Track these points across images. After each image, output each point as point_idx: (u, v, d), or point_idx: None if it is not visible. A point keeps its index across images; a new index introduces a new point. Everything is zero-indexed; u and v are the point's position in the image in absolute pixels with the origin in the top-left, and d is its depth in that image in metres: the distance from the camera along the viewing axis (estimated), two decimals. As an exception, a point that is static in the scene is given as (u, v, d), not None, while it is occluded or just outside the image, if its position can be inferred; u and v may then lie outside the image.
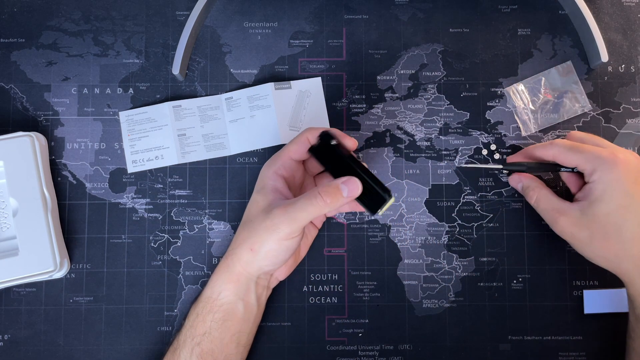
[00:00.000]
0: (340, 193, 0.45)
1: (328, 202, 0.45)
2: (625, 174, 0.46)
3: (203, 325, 0.48)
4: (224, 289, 0.49)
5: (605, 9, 0.58)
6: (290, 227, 0.45)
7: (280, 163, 0.49)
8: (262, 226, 0.47)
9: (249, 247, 0.48)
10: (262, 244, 0.47)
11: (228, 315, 0.48)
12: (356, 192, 0.46)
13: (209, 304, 0.49)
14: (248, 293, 0.49)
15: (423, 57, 0.57)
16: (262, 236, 0.47)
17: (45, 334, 0.54)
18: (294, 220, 0.45)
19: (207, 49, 0.57)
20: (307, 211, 0.45)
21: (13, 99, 0.56)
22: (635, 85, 0.57)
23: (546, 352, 0.54)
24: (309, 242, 0.54)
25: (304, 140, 0.49)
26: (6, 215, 0.52)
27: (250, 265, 0.48)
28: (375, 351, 0.54)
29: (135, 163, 0.55)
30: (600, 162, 0.47)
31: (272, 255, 0.47)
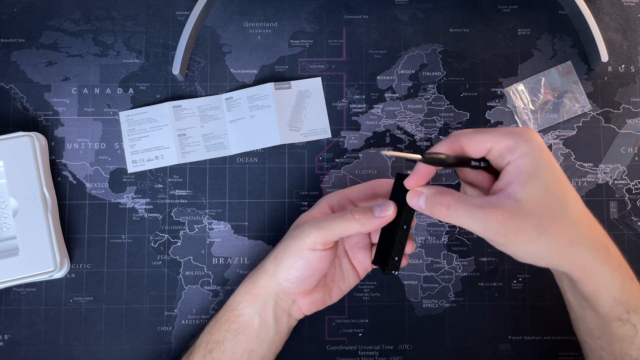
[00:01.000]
0: (371, 213, 0.44)
1: (357, 218, 0.44)
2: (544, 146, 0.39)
3: (218, 333, 0.48)
4: (243, 300, 0.48)
5: (605, 9, 0.58)
6: (314, 235, 0.44)
7: (336, 198, 0.49)
8: (291, 235, 0.46)
9: (274, 256, 0.47)
10: (286, 252, 0.46)
11: (243, 329, 0.47)
12: (387, 213, 0.44)
13: (227, 312, 0.48)
14: (266, 310, 0.48)
15: (423, 57, 0.57)
16: (287, 244, 0.46)
17: (45, 334, 0.54)
18: (320, 229, 0.44)
19: (207, 49, 0.57)
20: (335, 222, 0.44)
21: (13, 99, 0.56)
22: (635, 85, 0.57)
23: (546, 352, 0.54)
24: (345, 287, 0.51)
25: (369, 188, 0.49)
26: (6, 215, 0.52)
27: (272, 279, 0.47)
28: (375, 351, 0.54)
29: (135, 163, 0.55)
30: (518, 135, 0.39)
31: (292, 268, 0.46)
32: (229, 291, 0.55)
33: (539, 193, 0.38)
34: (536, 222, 0.37)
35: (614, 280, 0.40)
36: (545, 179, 0.38)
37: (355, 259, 0.50)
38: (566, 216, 0.38)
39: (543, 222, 0.37)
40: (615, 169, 0.56)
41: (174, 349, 0.54)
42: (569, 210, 0.38)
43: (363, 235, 0.49)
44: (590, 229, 0.39)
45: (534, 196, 0.37)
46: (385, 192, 0.47)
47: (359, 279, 0.51)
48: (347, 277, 0.50)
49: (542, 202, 0.38)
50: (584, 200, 0.49)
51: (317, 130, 0.56)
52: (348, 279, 0.50)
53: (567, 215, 0.38)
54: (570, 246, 0.38)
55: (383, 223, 0.44)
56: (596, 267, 0.39)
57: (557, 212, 0.38)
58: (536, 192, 0.38)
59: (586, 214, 0.40)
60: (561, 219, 0.38)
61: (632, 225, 0.55)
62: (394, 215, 0.44)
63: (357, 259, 0.50)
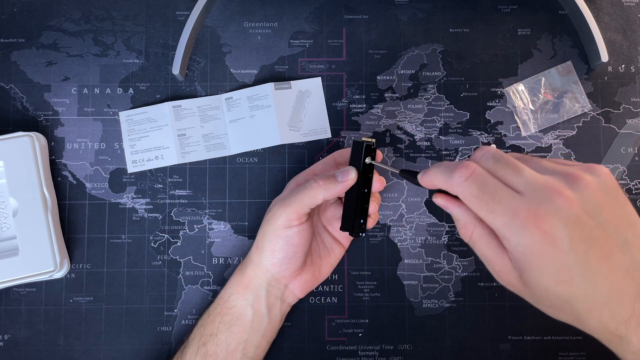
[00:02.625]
0: (334, 178, 0.46)
1: (321, 184, 0.45)
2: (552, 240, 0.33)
3: (212, 325, 0.48)
4: (235, 292, 0.49)
5: (605, 9, 0.58)
6: (285, 212, 0.46)
7: (303, 177, 0.51)
8: (265, 221, 0.48)
9: (255, 245, 0.49)
10: (264, 238, 0.47)
11: (236, 320, 0.48)
12: (349, 177, 0.46)
13: (220, 305, 0.49)
14: (258, 300, 0.48)
15: (423, 57, 0.57)
16: (264, 229, 0.48)
17: (45, 334, 0.54)
18: (288, 205, 0.46)
19: (207, 49, 0.57)
20: (301, 194, 0.46)
21: (13, 99, 0.56)
22: (635, 85, 0.57)
23: (546, 352, 0.54)
24: (332, 261, 0.52)
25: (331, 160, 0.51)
26: (6, 215, 0.52)
27: (259, 268, 0.48)
28: (375, 351, 0.54)
29: (135, 163, 0.55)
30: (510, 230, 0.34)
31: (275, 250, 0.47)
32: (229, 291, 0.55)
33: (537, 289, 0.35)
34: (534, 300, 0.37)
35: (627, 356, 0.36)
36: (543, 282, 0.34)
37: (334, 231, 0.51)
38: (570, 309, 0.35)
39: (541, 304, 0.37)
40: (615, 169, 0.56)
41: (174, 349, 0.54)
42: (574, 305, 0.35)
43: (337, 207, 0.51)
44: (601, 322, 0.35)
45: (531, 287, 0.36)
46: (347, 161, 0.49)
47: (344, 249, 0.53)
48: (332, 250, 0.52)
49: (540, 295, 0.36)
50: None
51: (317, 130, 0.56)
52: (334, 252, 0.52)
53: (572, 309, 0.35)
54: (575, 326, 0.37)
55: (346, 187, 0.46)
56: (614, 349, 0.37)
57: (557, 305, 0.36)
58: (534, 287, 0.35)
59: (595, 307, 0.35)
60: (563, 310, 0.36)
61: (632, 225, 0.55)
62: (355, 178, 0.46)
63: (336, 230, 0.51)
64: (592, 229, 0.33)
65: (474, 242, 0.38)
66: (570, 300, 0.35)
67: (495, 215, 0.34)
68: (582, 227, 0.33)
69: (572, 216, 0.33)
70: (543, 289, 0.35)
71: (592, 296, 0.34)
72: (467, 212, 0.37)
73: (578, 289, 0.34)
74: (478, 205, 0.35)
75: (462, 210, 0.38)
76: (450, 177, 0.36)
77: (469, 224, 0.37)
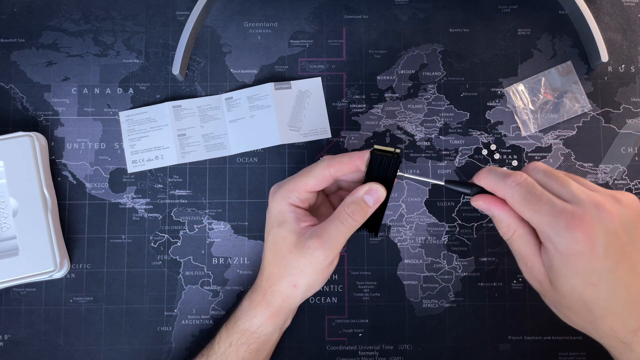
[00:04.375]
0: (366, 205, 0.44)
1: (358, 219, 0.44)
2: (584, 245, 0.37)
3: (236, 355, 0.48)
4: (265, 323, 0.48)
5: (605, 9, 0.58)
6: (329, 256, 0.45)
7: (296, 195, 0.46)
8: (302, 262, 0.45)
9: (291, 284, 0.46)
10: (305, 279, 0.46)
11: (263, 346, 0.49)
12: (380, 197, 0.44)
13: (245, 335, 0.48)
14: (286, 322, 0.50)
15: (423, 57, 0.57)
16: (303, 271, 0.45)
17: (45, 334, 0.54)
18: (332, 248, 0.44)
19: (207, 49, 0.57)
20: (341, 233, 0.44)
21: (13, 99, 0.56)
22: (635, 85, 0.57)
23: (546, 352, 0.54)
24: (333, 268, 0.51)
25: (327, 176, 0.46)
26: (6, 215, 0.52)
27: (292, 299, 0.48)
28: (375, 351, 0.54)
29: (135, 163, 0.55)
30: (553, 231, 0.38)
31: (314, 287, 0.47)
32: (228, 291, 0.55)
33: (562, 287, 0.40)
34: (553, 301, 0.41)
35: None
36: (572, 281, 0.39)
37: None
38: (587, 312, 0.39)
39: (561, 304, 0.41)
40: (615, 169, 0.56)
41: (174, 349, 0.54)
42: (592, 309, 0.39)
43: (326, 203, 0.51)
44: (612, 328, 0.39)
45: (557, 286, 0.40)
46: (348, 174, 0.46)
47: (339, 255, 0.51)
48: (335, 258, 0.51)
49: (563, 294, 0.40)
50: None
51: (317, 130, 0.56)
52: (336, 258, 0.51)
53: (588, 312, 0.39)
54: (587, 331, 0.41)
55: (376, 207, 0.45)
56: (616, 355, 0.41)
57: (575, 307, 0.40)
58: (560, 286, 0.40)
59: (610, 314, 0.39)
60: (580, 313, 0.40)
61: (632, 225, 0.55)
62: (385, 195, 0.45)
63: None
64: (625, 244, 0.38)
65: (513, 240, 0.42)
66: (591, 304, 0.39)
67: (540, 215, 0.38)
68: (618, 240, 0.38)
69: (612, 229, 0.37)
70: (569, 288, 0.39)
71: (612, 302, 0.38)
72: (510, 214, 0.41)
73: (601, 293, 0.38)
74: (525, 206, 0.39)
75: (505, 212, 0.41)
76: (503, 180, 0.41)
77: (512, 224, 0.41)
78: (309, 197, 0.47)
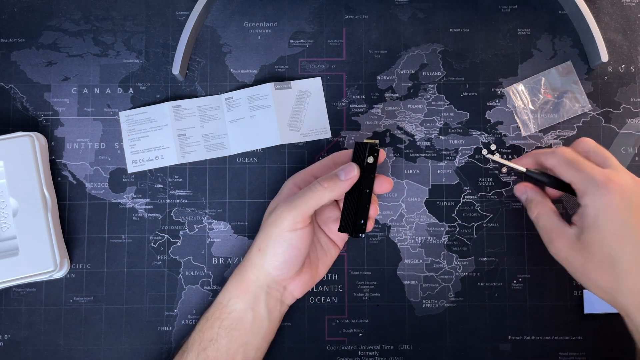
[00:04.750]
0: (337, 177, 0.46)
1: (325, 185, 0.46)
2: (619, 201, 0.43)
3: (211, 331, 0.48)
4: (234, 296, 0.48)
5: (605, 9, 0.58)
6: (292, 215, 0.46)
7: (301, 177, 0.51)
8: (268, 222, 0.48)
9: (257, 247, 0.48)
10: (268, 241, 0.47)
11: (236, 324, 0.48)
12: (352, 174, 0.47)
13: (218, 309, 0.49)
14: (258, 303, 0.48)
15: (423, 57, 0.57)
16: (267, 232, 0.47)
17: (45, 334, 0.54)
18: (294, 208, 0.46)
19: (207, 49, 0.57)
20: (306, 196, 0.46)
21: (13, 99, 0.56)
22: (635, 85, 0.57)
23: (546, 352, 0.54)
24: (328, 261, 0.52)
25: (330, 162, 0.51)
26: (6, 215, 0.52)
27: (260, 271, 0.48)
28: (375, 351, 0.54)
29: (135, 163, 0.55)
30: (593, 186, 0.44)
31: (278, 253, 0.47)
32: (229, 291, 0.55)
33: (592, 242, 0.44)
34: (582, 262, 0.45)
35: None
36: (602, 233, 0.44)
37: (330, 232, 0.52)
38: (612, 268, 0.44)
39: (587, 266, 0.45)
40: (615, 169, 0.56)
41: (174, 349, 0.54)
42: (617, 264, 0.43)
43: (333, 208, 0.51)
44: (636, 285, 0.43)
45: (587, 243, 0.44)
46: (346, 162, 0.49)
47: (339, 250, 0.53)
48: (328, 251, 0.52)
49: (592, 250, 0.44)
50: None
51: (317, 130, 0.56)
52: (330, 253, 0.52)
53: (614, 268, 0.44)
54: (612, 291, 0.44)
55: (350, 184, 0.47)
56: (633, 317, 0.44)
57: (603, 263, 0.44)
58: (590, 240, 0.44)
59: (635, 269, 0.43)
60: (605, 269, 0.44)
61: (632, 225, 0.55)
62: (358, 174, 0.47)
63: (332, 232, 0.51)
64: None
65: (538, 216, 0.49)
66: (618, 257, 0.43)
67: (582, 174, 0.45)
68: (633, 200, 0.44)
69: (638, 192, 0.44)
70: (599, 242, 0.44)
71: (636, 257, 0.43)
72: (540, 194, 0.50)
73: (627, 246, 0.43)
74: (568, 166, 0.46)
75: (536, 193, 0.50)
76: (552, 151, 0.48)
77: (540, 203, 0.49)
78: (310, 181, 0.50)
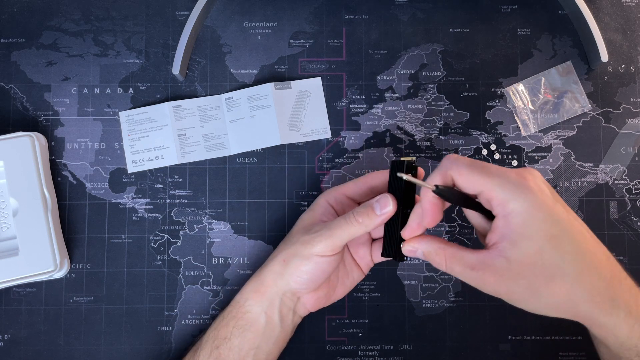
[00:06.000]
0: (373, 211, 0.44)
1: (360, 221, 0.44)
2: (542, 196, 0.37)
3: (225, 329, 0.48)
4: (250, 297, 0.48)
5: (605, 9, 0.58)
6: (325, 243, 0.45)
7: (333, 195, 0.50)
8: (300, 240, 0.47)
9: (282, 258, 0.47)
10: (295, 257, 0.46)
11: (250, 326, 0.48)
12: (388, 208, 0.44)
13: (235, 308, 0.49)
14: (272, 308, 0.48)
15: (423, 57, 0.57)
16: (297, 249, 0.46)
17: (45, 334, 0.54)
18: (329, 237, 0.45)
19: (207, 49, 0.57)
20: (342, 229, 0.45)
21: (13, 99, 0.56)
22: (635, 85, 0.57)
23: (546, 352, 0.54)
24: (349, 283, 0.51)
25: (363, 183, 0.49)
26: (6, 215, 0.52)
27: (279, 278, 0.47)
28: (375, 351, 0.54)
29: (135, 163, 0.55)
30: (512, 187, 0.37)
31: (302, 271, 0.46)
32: (229, 291, 0.55)
33: (530, 254, 0.37)
34: (527, 284, 0.37)
35: (619, 329, 0.39)
36: (537, 240, 0.36)
37: (356, 255, 0.50)
38: (562, 275, 0.37)
39: (535, 284, 0.37)
40: (615, 169, 0.56)
41: (174, 349, 0.54)
42: (566, 268, 0.37)
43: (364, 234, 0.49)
44: (592, 283, 0.37)
45: (525, 257, 0.37)
46: (381, 184, 0.48)
47: (363, 275, 0.51)
48: (351, 273, 0.51)
49: (534, 263, 0.37)
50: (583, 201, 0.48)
51: (317, 130, 0.56)
52: (352, 275, 0.51)
53: (563, 275, 0.37)
54: (568, 303, 0.38)
55: (385, 219, 0.44)
56: (599, 319, 0.38)
57: (551, 272, 0.37)
58: (527, 252, 0.37)
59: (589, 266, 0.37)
60: (556, 279, 0.37)
61: (632, 225, 0.55)
62: (394, 209, 0.44)
63: (359, 255, 0.50)
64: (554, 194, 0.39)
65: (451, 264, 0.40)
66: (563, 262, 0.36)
67: (492, 178, 0.37)
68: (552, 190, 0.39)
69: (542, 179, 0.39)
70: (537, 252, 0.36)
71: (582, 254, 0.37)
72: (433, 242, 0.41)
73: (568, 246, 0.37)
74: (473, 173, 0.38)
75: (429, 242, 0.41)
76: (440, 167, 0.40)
77: (439, 249, 0.40)
78: (344, 201, 0.49)
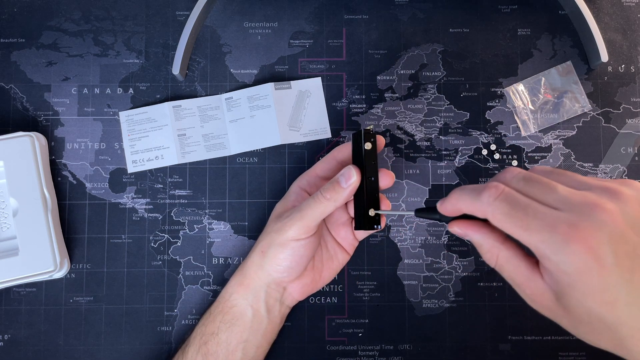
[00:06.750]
0: (339, 185, 0.45)
1: (328, 197, 0.45)
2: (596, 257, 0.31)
3: (213, 324, 0.49)
4: (235, 291, 0.49)
5: (605, 9, 0.58)
6: (296, 226, 0.46)
7: (305, 179, 0.51)
8: (274, 229, 0.47)
9: (260, 249, 0.48)
10: (271, 246, 0.47)
11: (237, 320, 0.48)
12: (352, 179, 0.45)
13: (221, 303, 0.49)
14: (257, 301, 0.49)
15: (423, 57, 0.57)
16: (272, 238, 0.47)
17: (45, 334, 0.54)
18: (299, 219, 0.46)
19: (207, 49, 0.57)
20: (310, 208, 0.46)
21: (13, 99, 0.56)
22: (635, 85, 0.57)
23: (546, 352, 0.54)
24: (335, 266, 0.51)
25: (331, 159, 0.50)
26: (6, 215, 0.52)
27: (260, 270, 0.48)
28: (375, 351, 0.54)
29: (135, 163, 0.55)
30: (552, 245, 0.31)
31: (280, 259, 0.47)
32: (229, 291, 0.55)
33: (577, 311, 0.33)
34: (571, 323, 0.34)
35: None
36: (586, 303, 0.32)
37: (338, 236, 0.51)
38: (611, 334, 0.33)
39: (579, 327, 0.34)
40: (615, 169, 0.56)
41: (174, 349, 0.54)
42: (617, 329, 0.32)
43: (342, 212, 0.51)
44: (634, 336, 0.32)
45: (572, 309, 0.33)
46: (348, 157, 0.49)
47: (349, 256, 0.52)
48: (335, 256, 0.51)
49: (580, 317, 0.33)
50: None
51: (317, 130, 0.56)
52: (337, 258, 0.51)
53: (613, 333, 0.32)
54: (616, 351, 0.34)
55: (353, 190, 0.45)
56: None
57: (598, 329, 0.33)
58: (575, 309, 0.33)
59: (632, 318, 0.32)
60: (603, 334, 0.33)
61: (632, 225, 0.55)
62: (359, 179, 0.45)
63: (340, 236, 0.51)
64: (637, 246, 0.31)
65: (501, 267, 0.36)
66: (614, 325, 0.32)
67: (531, 232, 0.32)
68: (627, 243, 0.31)
69: (617, 231, 0.31)
70: (585, 311, 0.32)
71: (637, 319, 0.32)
72: (489, 236, 0.36)
73: (622, 311, 0.32)
74: (511, 223, 0.33)
75: (483, 235, 0.36)
76: (477, 198, 0.35)
77: (493, 248, 0.36)
78: (317, 183, 0.50)
